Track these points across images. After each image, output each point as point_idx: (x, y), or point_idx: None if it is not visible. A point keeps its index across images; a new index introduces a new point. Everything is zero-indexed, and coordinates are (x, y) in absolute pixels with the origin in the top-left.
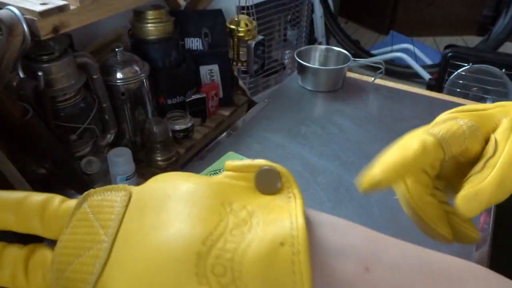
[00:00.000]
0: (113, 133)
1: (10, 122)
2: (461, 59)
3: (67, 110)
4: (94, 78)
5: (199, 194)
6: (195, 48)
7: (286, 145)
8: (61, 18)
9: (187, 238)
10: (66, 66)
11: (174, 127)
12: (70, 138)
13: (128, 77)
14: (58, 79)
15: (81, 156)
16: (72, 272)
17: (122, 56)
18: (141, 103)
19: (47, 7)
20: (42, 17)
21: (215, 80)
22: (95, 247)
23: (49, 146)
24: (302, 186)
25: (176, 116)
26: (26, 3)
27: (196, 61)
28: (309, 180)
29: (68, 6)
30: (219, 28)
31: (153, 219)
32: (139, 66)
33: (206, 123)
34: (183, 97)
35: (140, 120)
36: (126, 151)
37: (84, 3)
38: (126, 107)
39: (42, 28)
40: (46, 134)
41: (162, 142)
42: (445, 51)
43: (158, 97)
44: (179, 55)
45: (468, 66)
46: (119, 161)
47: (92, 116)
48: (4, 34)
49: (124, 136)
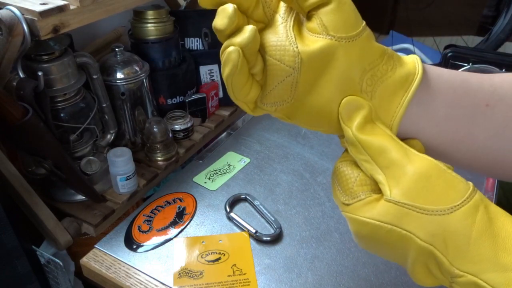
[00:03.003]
0: (113, 133)
1: (10, 122)
2: (461, 59)
3: (67, 110)
4: (94, 78)
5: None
6: (195, 48)
7: (286, 145)
8: (61, 18)
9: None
10: (66, 66)
11: (174, 127)
12: (70, 138)
13: (128, 77)
14: (58, 79)
15: (81, 156)
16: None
17: (122, 56)
18: (141, 103)
19: (47, 7)
20: (42, 17)
21: (215, 80)
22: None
23: (49, 146)
24: (302, 186)
25: (176, 116)
26: (26, 3)
27: (196, 61)
28: (309, 180)
29: (68, 6)
30: None
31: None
32: (139, 66)
33: (206, 123)
34: (183, 97)
35: (140, 120)
36: (126, 151)
37: (84, 3)
38: (126, 107)
39: (42, 28)
40: (46, 134)
41: (162, 142)
42: (445, 51)
43: (158, 97)
44: (179, 55)
45: (468, 66)
46: (119, 161)
47: (92, 116)
48: (4, 34)
49: (124, 136)
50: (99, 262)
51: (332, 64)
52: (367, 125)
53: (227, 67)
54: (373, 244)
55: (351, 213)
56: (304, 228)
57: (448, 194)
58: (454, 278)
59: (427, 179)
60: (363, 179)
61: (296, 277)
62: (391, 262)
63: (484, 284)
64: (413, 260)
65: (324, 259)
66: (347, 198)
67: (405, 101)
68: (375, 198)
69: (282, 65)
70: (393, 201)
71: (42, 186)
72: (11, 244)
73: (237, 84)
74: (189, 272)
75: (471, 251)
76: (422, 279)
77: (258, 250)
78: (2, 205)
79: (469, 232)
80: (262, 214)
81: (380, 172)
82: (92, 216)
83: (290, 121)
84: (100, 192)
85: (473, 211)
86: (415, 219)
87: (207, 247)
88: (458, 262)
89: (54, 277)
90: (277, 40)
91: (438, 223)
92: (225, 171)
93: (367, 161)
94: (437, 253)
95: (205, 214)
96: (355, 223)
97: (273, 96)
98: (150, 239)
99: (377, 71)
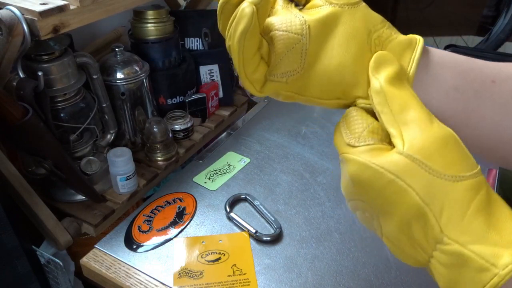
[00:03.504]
0: (113, 133)
1: (10, 122)
2: None
3: (67, 110)
4: (94, 78)
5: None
6: (195, 48)
7: (286, 145)
8: (61, 18)
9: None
10: (66, 66)
11: (174, 127)
12: (70, 138)
13: (128, 77)
14: (58, 79)
15: (81, 156)
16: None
17: (122, 56)
18: (141, 103)
19: (47, 7)
20: (42, 17)
21: (215, 80)
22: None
23: (49, 146)
24: (302, 186)
25: (176, 116)
26: (26, 3)
27: (196, 61)
28: (309, 180)
29: (68, 6)
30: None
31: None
32: (139, 66)
33: (206, 123)
34: (183, 97)
35: (140, 120)
36: (126, 151)
37: (84, 3)
38: (126, 107)
39: (42, 28)
40: (46, 134)
41: (162, 142)
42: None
43: (158, 97)
44: (179, 55)
45: None
46: (119, 161)
47: (92, 116)
48: (4, 34)
49: (124, 136)
50: (99, 262)
51: (339, 28)
52: (395, 80)
53: (240, 24)
54: (365, 190)
55: (355, 155)
56: (304, 228)
57: (460, 163)
58: (439, 245)
59: (444, 144)
60: (376, 128)
61: (296, 277)
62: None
63: (470, 253)
64: (401, 217)
65: (324, 259)
66: (354, 141)
67: (415, 58)
68: (385, 147)
69: (290, 34)
70: (405, 154)
71: (42, 186)
72: (11, 244)
73: (249, 48)
74: (189, 272)
75: (464, 222)
76: (403, 246)
77: (258, 250)
78: (2, 205)
79: (468, 204)
80: (262, 214)
81: (397, 126)
82: (92, 216)
83: (301, 98)
84: (100, 192)
85: (477, 187)
86: (421, 177)
87: (207, 247)
88: (448, 229)
89: (54, 277)
90: (281, 18)
91: (442, 186)
92: (225, 171)
93: (387, 113)
94: (430, 215)
95: (205, 214)
96: (356, 165)
97: (283, 66)
98: (150, 239)
99: (382, 33)
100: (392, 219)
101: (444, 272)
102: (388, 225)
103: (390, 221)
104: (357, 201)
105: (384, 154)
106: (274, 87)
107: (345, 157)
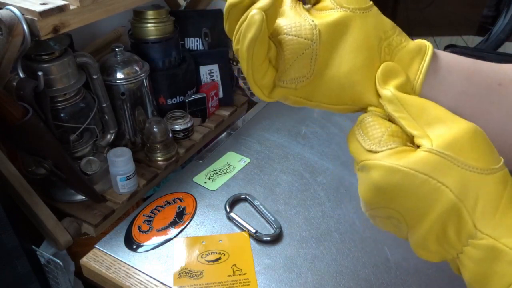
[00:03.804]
0: (113, 133)
1: (10, 122)
2: None
3: (67, 110)
4: (94, 78)
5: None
6: (195, 48)
7: (286, 145)
8: (61, 18)
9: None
10: (66, 66)
11: (174, 127)
12: (70, 138)
13: (128, 77)
14: (58, 79)
15: (81, 156)
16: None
17: (122, 56)
18: (141, 103)
19: (47, 7)
20: (42, 17)
21: (215, 80)
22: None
23: (49, 146)
24: (302, 186)
25: (176, 116)
26: (26, 3)
27: (196, 61)
28: (309, 180)
29: (68, 6)
30: (219, 28)
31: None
32: (139, 66)
33: (206, 123)
34: (183, 97)
35: (140, 120)
36: (126, 151)
37: (84, 3)
38: (126, 107)
39: (42, 28)
40: (46, 134)
41: (162, 142)
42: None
43: (158, 97)
44: (179, 55)
45: None
46: (119, 161)
47: (92, 116)
48: (4, 34)
49: (124, 136)
50: (99, 262)
51: (349, 34)
52: (403, 90)
53: (250, 31)
54: (394, 195)
55: (379, 160)
56: (304, 228)
57: (490, 156)
58: (472, 240)
59: (472, 137)
60: (395, 131)
61: (296, 277)
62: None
63: (504, 247)
64: (435, 218)
65: (324, 259)
66: (375, 146)
67: (423, 67)
68: (409, 149)
69: (300, 39)
70: (434, 151)
71: (42, 186)
72: (11, 244)
73: (258, 55)
74: (189, 272)
75: (497, 216)
76: (431, 245)
77: (258, 250)
78: (2, 205)
79: (501, 196)
80: (262, 214)
81: (420, 128)
82: (92, 216)
83: (309, 103)
84: (100, 192)
85: (505, 180)
86: (454, 173)
87: (207, 247)
88: (481, 224)
89: (54, 277)
90: (290, 21)
91: (476, 181)
92: (225, 171)
93: (406, 118)
94: (463, 211)
95: (205, 214)
96: (382, 170)
97: (292, 72)
98: (150, 239)
99: (392, 41)
100: (424, 220)
101: (472, 267)
102: (419, 227)
103: (421, 223)
104: (382, 208)
105: (411, 155)
106: (283, 93)
107: (368, 164)
